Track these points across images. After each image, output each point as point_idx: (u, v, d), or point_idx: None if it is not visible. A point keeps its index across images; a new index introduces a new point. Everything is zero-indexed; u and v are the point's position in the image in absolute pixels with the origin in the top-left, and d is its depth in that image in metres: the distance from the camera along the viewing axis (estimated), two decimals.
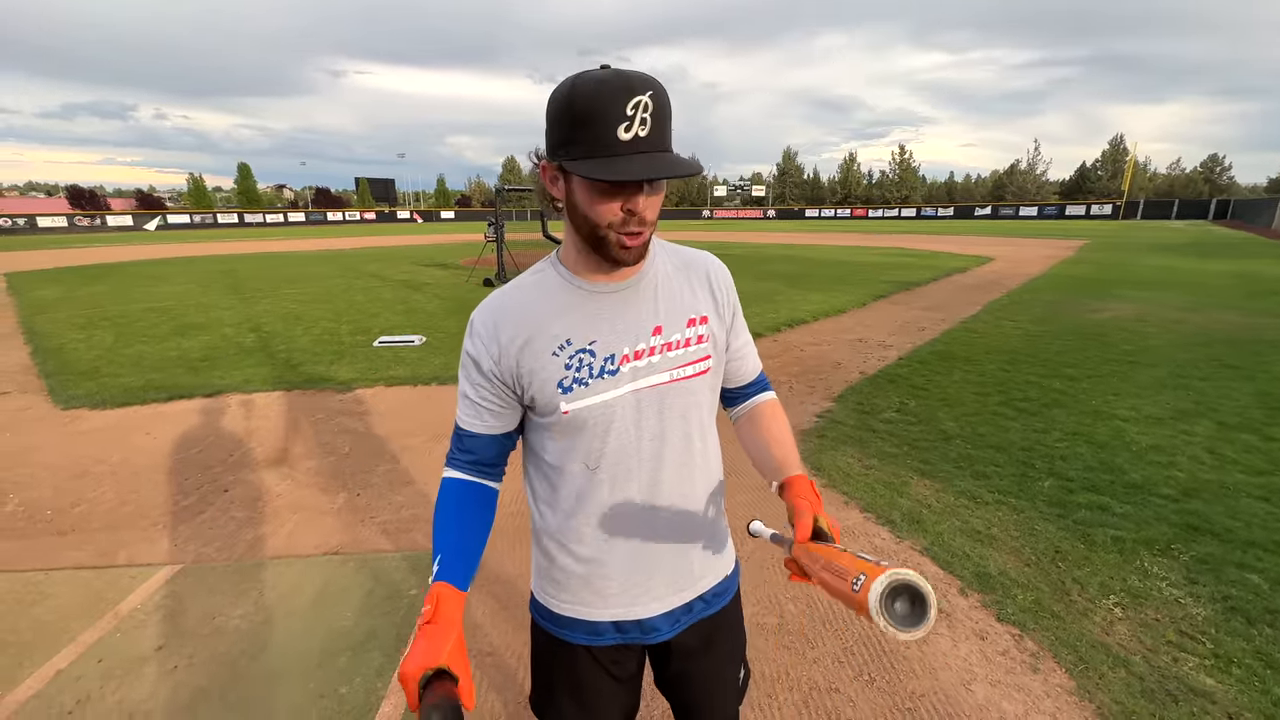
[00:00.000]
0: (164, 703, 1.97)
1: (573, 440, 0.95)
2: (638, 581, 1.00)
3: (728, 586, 1.11)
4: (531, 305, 0.94)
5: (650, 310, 0.95)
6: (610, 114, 0.76)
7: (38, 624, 2.36)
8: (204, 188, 68.89)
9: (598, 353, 0.92)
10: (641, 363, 0.94)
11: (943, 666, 2.06)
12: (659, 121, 0.79)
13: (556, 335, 0.92)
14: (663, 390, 0.95)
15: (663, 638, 1.03)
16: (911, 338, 6.97)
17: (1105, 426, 4.11)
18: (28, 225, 43.90)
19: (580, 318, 0.93)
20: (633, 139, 0.77)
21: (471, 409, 0.98)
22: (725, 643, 1.12)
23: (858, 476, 3.47)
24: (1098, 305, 8.94)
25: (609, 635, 1.02)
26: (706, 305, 1.00)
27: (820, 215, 64.44)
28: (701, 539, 1.04)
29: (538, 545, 1.05)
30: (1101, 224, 43.60)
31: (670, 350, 0.95)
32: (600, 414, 0.93)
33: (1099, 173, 64.36)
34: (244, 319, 8.49)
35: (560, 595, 1.02)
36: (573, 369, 0.91)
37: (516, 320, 0.93)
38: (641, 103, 0.77)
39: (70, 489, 3.48)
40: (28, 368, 6.13)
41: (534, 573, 1.08)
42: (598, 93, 0.77)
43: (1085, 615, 2.28)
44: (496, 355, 0.93)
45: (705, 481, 1.04)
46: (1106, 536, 2.78)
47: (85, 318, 8.73)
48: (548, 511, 1.01)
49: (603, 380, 0.92)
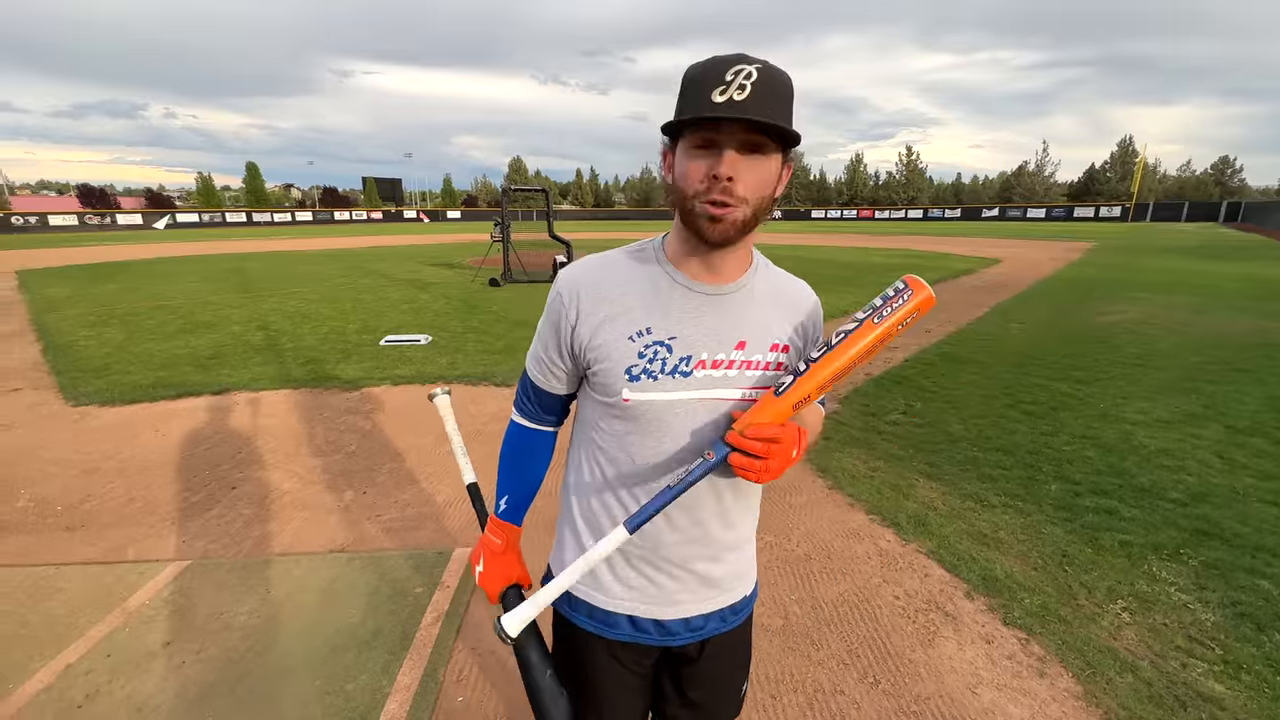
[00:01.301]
0: (172, 697, 1.99)
1: (626, 429, 0.93)
2: (660, 583, 0.98)
3: (746, 604, 1.09)
4: (621, 282, 0.92)
5: (739, 323, 0.92)
6: (709, 79, 0.77)
7: (48, 618, 2.38)
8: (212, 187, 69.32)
9: (675, 350, 0.89)
10: (718, 373, 0.90)
11: (948, 670, 2.05)
12: (760, 92, 0.76)
13: (638, 320, 0.90)
14: (730, 406, 0.91)
15: (679, 642, 1.02)
16: (918, 340, 6.94)
17: (1113, 430, 4.09)
18: (39, 224, 44.31)
19: (667, 310, 0.90)
20: (726, 101, 0.76)
21: (539, 367, 1.00)
22: (735, 659, 1.11)
23: (863, 478, 3.46)
24: (1106, 308, 8.88)
25: (623, 629, 1.01)
26: (793, 336, 0.97)
27: (826, 216, 64.26)
28: (730, 556, 1.02)
29: (565, 525, 1.05)
30: (1110, 226, 43.30)
31: (748, 369, 0.92)
32: (660, 412, 0.90)
33: (1108, 174, 63.90)
34: (252, 317, 8.54)
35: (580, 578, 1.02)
36: (645, 359, 0.89)
37: (601, 293, 0.91)
38: (743, 70, 0.76)
39: (80, 485, 3.52)
40: (39, 365, 6.19)
41: (555, 549, 1.07)
42: (707, 65, 0.80)
43: (1093, 620, 2.27)
44: (574, 322, 0.92)
45: (742, 505, 1.01)
46: (1114, 540, 2.76)
47: (96, 315, 8.81)
48: (584, 492, 1.00)
49: (673, 379, 0.89)
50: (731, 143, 0.78)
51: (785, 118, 0.80)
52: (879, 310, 0.83)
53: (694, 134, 0.80)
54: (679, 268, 0.92)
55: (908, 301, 0.82)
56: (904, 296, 0.82)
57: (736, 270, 0.93)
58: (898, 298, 0.82)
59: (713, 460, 0.82)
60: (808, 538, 2.88)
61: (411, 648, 2.19)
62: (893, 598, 2.43)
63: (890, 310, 0.82)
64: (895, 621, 2.29)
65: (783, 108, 0.79)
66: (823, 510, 3.14)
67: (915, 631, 2.24)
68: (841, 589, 2.49)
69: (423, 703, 1.95)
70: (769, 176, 0.83)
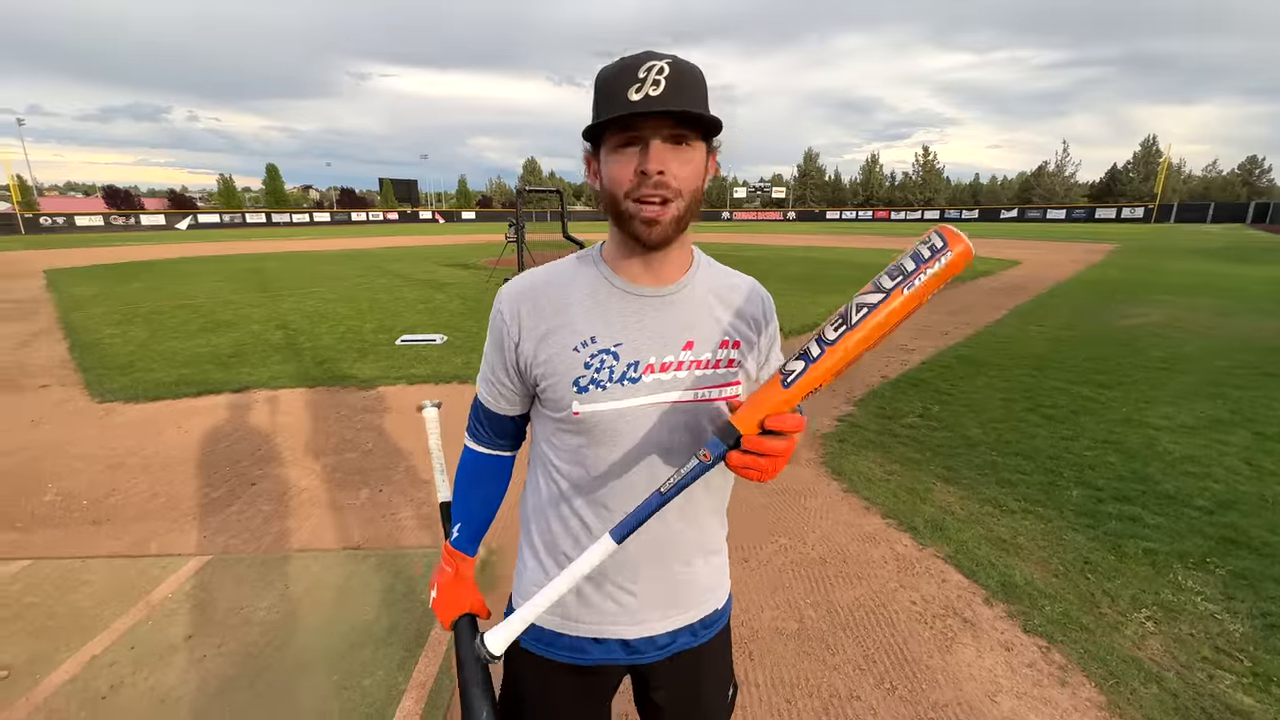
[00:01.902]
0: (193, 690, 2.02)
1: (580, 443, 0.90)
2: (623, 601, 0.95)
3: (719, 618, 1.05)
4: (562, 293, 0.90)
5: (685, 323, 0.90)
6: (624, 79, 0.77)
7: (75, 610, 2.43)
8: (233, 188, 70.49)
9: (621, 357, 0.87)
10: (666, 375, 0.88)
11: (967, 677, 2.02)
12: (676, 85, 0.77)
13: (581, 330, 0.88)
14: (682, 408, 0.89)
15: (646, 660, 0.99)
16: (934, 341, 6.87)
17: (1137, 435, 4.01)
18: (66, 224, 45.40)
19: (610, 317, 0.88)
20: (644, 98, 0.76)
21: (489, 389, 0.97)
22: (711, 674, 1.08)
23: (879, 482, 3.43)
24: (1129, 310, 8.71)
25: (588, 654, 0.97)
26: (744, 331, 0.94)
27: (841, 217, 63.83)
28: (697, 568, 0.99)
29: (526, 548, 1.02)
30: (1133, 227, 42.49)
31: (698, 369, 0.90)
32: (612, 421, 0.88)
33: (1130, 175, 62.73)
34: (271, 316, 8.67)
35: None
36: (592, 369, 0.87)
37: (543, 305, 0.89)
38: (655, 66, 0.76)
39: (105, 480, 3.59)
40: (66, 362, 6.33)
41: (517, 578, 1.04)
42: (618, 66, 0.79)
43: (1116, 628, 2.22)
44: (517, 339, 0.90)
45: (709, 510, 0.99)
46: (1138, 548, 2.71)
47: (120, 314, 9.00)
48: (542, 512, 0.98)
49: (622, 387, 0.87)
50: (655, 137, 0.78)
51: (702, 107, 0.80)
52: (910, 276, 0.69)
53: (617, 134, 0.80)
54: (619, 272, 0.90)
55: (945, 262, 0.69)
56: (941, 257, 0.68)
57: (677, 270, 0.92)
58: (934, 260, 0.69)
59: (709, 461, 0.75)
60: (823, 541, 2.86)
61: (427, 645, 2.21)
62: (909, 603, 2.40)
63: (924, 275, 0.69)
64: (912, 627, 2.27)
65: (699, 98, 0.80)
66: (838, 513, 3.11)
67: (933, 637, 2.21)
68: (857, 593, 2.47)
69: (437, 700, 1.97)
70: (697, 167, 0.82)
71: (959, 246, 0.69)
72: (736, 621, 2.31)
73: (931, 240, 0.70)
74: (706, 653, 1.04)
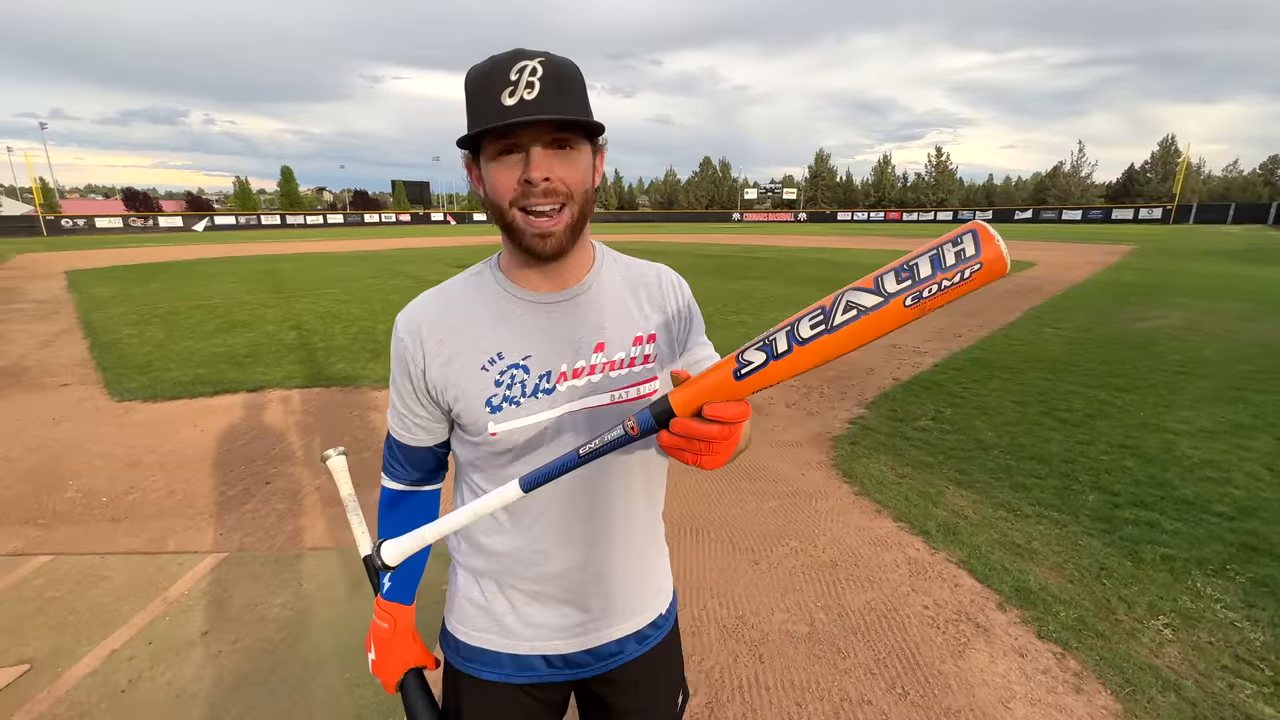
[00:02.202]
0: (209, 685, 2.05)
1: (502, 464, 0.87)
2: (569, 613, 0.93)
3: (664, 621, 1.02)
4: (461, 311, 0.86)
5: (594, 325, 0.86)
6: (495, 83, 0.73)
7: (95, 605, 2.48)
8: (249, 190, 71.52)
9: (532, 369, 0.84)
10: (580, 382, 0.85)
11: (980, 683, 2.01)
12: (551, 87, 0.73)
13: (487, 348, 0.84)
14: (601, 413, 0.86)
15: (588, 674, 0.96)
16: (947, 344, 6.81)
17: (1154, 440, 3.95)
18: (86, 226, 46.26)
19: (515, 330, 0.85)
20: (518, 103, 0.72)
21: (401, 422, 0.92)
22: (661, 679, 1.04)
23: (891, 485, 3.40)
24: (1146, 313, 8.58)
25: (528, 672, 0.94)
26: (657, 322, 0.91)
27: (853, 218, 63.50)
28: (636, 575, 0.97)
29: (456, 570, 0.98)
30: (1151, 228, 41.85)
31: (613, 370, 0.86)
32: (531, 437, 0.84)
33: (1148, 175, 61.82)
34: (285, 317, 8.78)
35: (477, 624, 0.95)
36: (503, 386, 0.83)
37: (443, 327, 0.85)
38: (527, 68, 0.72)
39: (124, 477, 3.65)
40: (86, 361, 6.45)
41: (449, 601, 1.00)
42: (487, 68, 0.74)
43: (1132, 636, 2.19)
44: (422, 365, 0.86)
45: (643, 513, 0.96)
46: (1155, 554, 2.67)
47: (139, 314, 9.15)
48: (472, 534, 0.94)
49: (536, 400, 0.84)
50: (536, 143, 0.75)
51: (582, 107, 0.76)
52: (921, 283, 0.56)
53: (494, 142, 0.75)
54: (518, 282, 0.86)
55: (969, 275, 0.54)
56: (967, 269, 0.54)
57: (578, 271, 0.88)
58: (958, 269, 0.54)
59: (635, 434, 0.68)
60: (834, 544, 2.84)
61: (437, 645, 2.22)
62: (922, 607, 2.38)
63: (939, 286, 0.55)
64: (924, 632, 2.25)
65: (577, 98, 0.76)
66: (849, 516, 3.09)
67: (945, 642, 2.19)
68: (869, 597, 2.45)
69: None
70: (585, 169, 0.79)
71: (993, 257, 0.54)
72: (746, 623, 2.30)
73: (962, 244, 0.55)
74: (655, 658, 1.01)
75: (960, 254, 0.55)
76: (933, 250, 0.57)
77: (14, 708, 1.96)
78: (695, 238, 33.22)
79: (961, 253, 0.55)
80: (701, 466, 0.67)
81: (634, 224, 62.05)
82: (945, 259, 0.55)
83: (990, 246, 0.54)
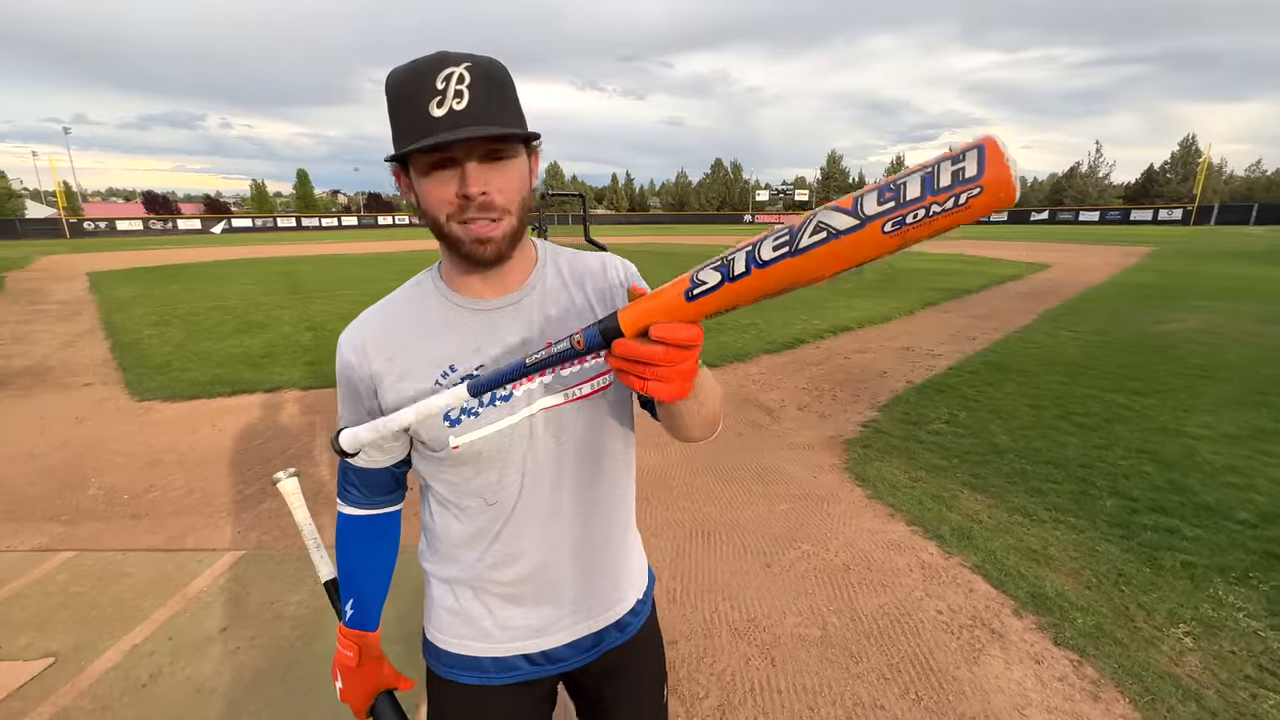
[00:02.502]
0: (228, 681, 2.08)
1: (466, 475, 0.86)
2: (546, 612, 0.92)
3: (641, 608, 1.02)
4: (407, 326, 0.85)
5: (541, 323, 0.85)
6: (421, 91, 0.69)
7: (117, 601, 2.52)
8: (265, 193, 72.50)
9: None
10: (534, 384, 0.84)
11: (995, 689, 1.99)
12: (480, 94, 0.70)
13: (438, 362, 0.82)
14: (559, 412, 0.85)
15: (571, 666, 0.96)
16: (961, 347, 6.74)
17: (1174, 445, 3.88)
18: (108, 229, 47.19)
19: (463, 339, 0.83)
20: (447, 113, 0.68)
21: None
22: (645, 667, 1.04)
23: (904, 488, 3.38)
24: (1165, 316, 8.44)
25: (511, 673, 0.94)
26: (602, 310, 0.88)
27: None
28: (609, 565, 0.97)
29: (432, 583, 0.97)
30: (1171, 229, 41.17)
31: (564, 368, 0.85)
32: (494, 445, 0.83)
33: (1168, 175, 60.81)
34: (301, 318, 8.89)
35: (454, 631, 0.94)
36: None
37: (390, 344, 0.84)
38: (454, 74, 0.69)
39: (145, 476, 3.72)
40: (108, 361, 6.57)
41: (426, 611, 0.99)
42: (409, 73, 0.71)
43: (1151, 643, 2.16)
44: (370, 385, 0.84)
45: (610, 506, 0.95)
46: (1175, 561, 2.63)
47: (159, 315, 9.30)
48: (443, 548, 0.93)
49: (495, 408, 0.82)
50: (470, 156, 0.71)
51: (516, 115, 0.74)
52: (907, 207, 0.47)
53: (426, 156, 0.72)
54: (461, 291, 0.85)
55: (966, 200, 0.45)
56: (965, 192, 0.45)
57: (521, 273, 0.87)
58: (953, 192, 0.45)
59: (581, 349, 0.63)
60: (846, 547, 2.83)
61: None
62: (935, 612, 2.36)
63: (928, 210, 0.46)
64: (938, 637, 2.23)
65: (509, 104, 0.73)
66: (861, 520, 3.08)
67: (960, 648, 2.17)
68: (882, 601, 2.44)
69: None
70: (521, 177, 0.77)
71: (998, 180, 0.44)
72: (759, 626, 2.30)
73: (963, 161, 0.45)
74: (638, 644, 1.01)
75: (959, 174, 0.45)
76: (928, 168, 0.47)
77: (39, 700, 2.01)
78: (706, 239, 33.17)
79: (960, 172, 0.45)
80: (652, 395, 0.61)
81: (644, 225, 62.10)
82: (939, 179, 0.46)
83: (997, 166, 0.44)
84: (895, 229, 0.48)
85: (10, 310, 10.27)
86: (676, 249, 24.50)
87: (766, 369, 5.93)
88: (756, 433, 4.30)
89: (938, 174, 0.46)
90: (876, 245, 0.49)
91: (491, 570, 0.90)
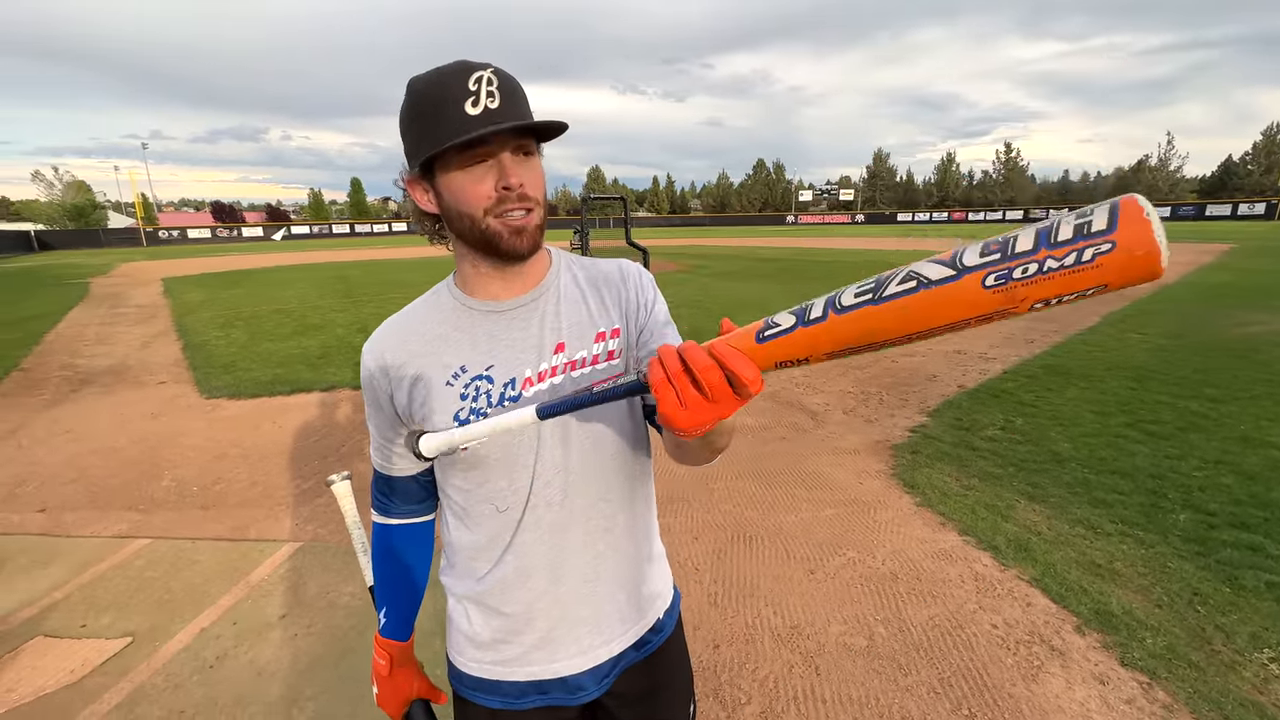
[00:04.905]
0: (286, 665, 2.19)
1: (477, 480, 0.86)
2: (560, 633, 0.90)
3: (665, 623, 0.99)
4: (419, 331, 0.87)
5: (551, 326, 0.86)
6: (454, 93, 0.73)
7: (188, 586, 2.69)
8: (322, 201, 75.86)
9: (496, 379, 0.83)
10: (545, 385, 0.84)
11: (1055, 709, 1.89)
12: (509, 96, 0.75)
13: (449, 363, 0.84)
14: (569, 415, 0.82)
15: (590, 696, 0.92)
16: (1018, 350, 6.45)
17: (1257, 456, 3.61)
18: (180, 237, 50.38)
19: (474, 341, 0.85)
20: (483, 112, 0.73)
21: (380, 452, 0.93)
22: (669, 686, 1.00)
23: (956, 497, 3.25)
24: (1247, 318, 7.86)
25: (530, 698, 0.91)
26: (617, 316, 0.89)
27: (914, 219, 61.15)
28: (628, 579, 0.93)
29: (450, 602, 0.96)
30: (1253, 225, 38.31)
31: (575, 369, 0.85)
32: (503, 447, 0.83)
33: (1249, 167, 56.64)
34: (354, 320, 9.25)
35: (471, 654, 0.93)
36: (469, 399, 0.83)
37: (403, 348, 0.86)
38: (484, 77, 0.73)
39: (212, 469, 3.94)
40: (179, 361, 7.01)
41: (447, 632, 0.98)
42: (437, 78, 0.75)
43: (1232, 669, 2.01)
44: (388, 390, 0.86)
45: (629, 515, 0.92)
46: (1259, 581, 2.44)
47: (224, 318, 9.86)
48: (459, 560, 0.93)
49: (504, 409, 0.82)
50: (505, 150, 0.76)
51: (530, 115, 0.78)
52: (1016, 261, 0.40)
53: (461, 153, 0.75)
54: (475, 294, 0.87)
55: (1091, 256, 0.38)
56: (1089, 246, 0.37)
57: (535, 276, 0.89)
58: (1073, 248, 0.38)
59: (636, 382, 0.62)
60: (894, 556, 2.74)
61: None
62: (990, 626, 2.27)
63: (1039, 267, 0.39)
64: (993, 652, 2.14)
65: (528, 105, 0.79)
66: (910, 528, 2.98)
67: (1016, 664, 2.08)
68: (932, 613, 2.35)
69: None
70: (542, 174, 0.81)
71: (1136, 240, 0.37)
72: (802, 634, 2.26)
73: (1091, 216, 0.38)
74: (658, 664, 0.98)
75: (1084, 227, 0.37)
76: (1049, 222, 0.41)
77: (119, 676, 2.15)
78: (748, 241, 32.85)
79: (1086, 226, 0.37)
80: (674, 423, 0.57)
81: (685, 228, 61.98)
82: (1057, 232, 0.39)
83: (1135, 225, 0.36)
84: (1000, 283, 0.41)
85: (94, 314, 11.08)
86: (717, 251, 24.34)
87: (810, 371, 5.82)
88: (800, 436, 4.23)
89: (1056, 228, 0.40)
90: (976, 301, 0.42)
91: (504, 587, 0.89)
